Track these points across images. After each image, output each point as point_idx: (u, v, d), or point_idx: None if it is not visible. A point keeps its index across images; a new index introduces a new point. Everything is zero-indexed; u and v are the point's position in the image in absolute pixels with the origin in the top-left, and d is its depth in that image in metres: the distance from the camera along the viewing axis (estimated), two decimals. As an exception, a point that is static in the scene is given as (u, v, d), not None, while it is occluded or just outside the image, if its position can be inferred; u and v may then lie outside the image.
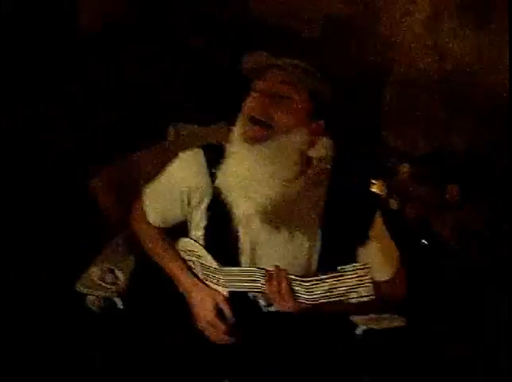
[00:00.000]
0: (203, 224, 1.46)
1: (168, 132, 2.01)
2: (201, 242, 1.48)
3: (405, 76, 2.85)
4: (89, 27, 3.78)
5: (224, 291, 1.47)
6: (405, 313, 1.63)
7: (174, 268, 1.53)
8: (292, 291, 1.33)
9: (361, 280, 1.30)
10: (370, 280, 1.29)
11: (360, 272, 1.30)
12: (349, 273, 1.30)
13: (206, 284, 1.50)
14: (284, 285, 1.32)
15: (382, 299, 1.49)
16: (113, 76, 3.59)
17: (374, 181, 2.73)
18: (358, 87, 3.13)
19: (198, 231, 1.48)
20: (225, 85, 3.42)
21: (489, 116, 2.49)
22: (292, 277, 1.33)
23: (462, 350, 2.16)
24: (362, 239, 1.45)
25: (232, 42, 3.60)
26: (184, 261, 1.54)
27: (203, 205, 1.45)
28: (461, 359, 2.14)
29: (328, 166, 1.43)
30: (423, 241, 2.56)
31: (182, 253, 1.56)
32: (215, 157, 1.41)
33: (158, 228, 1.57)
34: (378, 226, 1.47)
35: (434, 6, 2.65)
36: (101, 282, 1.65)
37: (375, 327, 1.57)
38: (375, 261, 1.46)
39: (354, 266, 1.30)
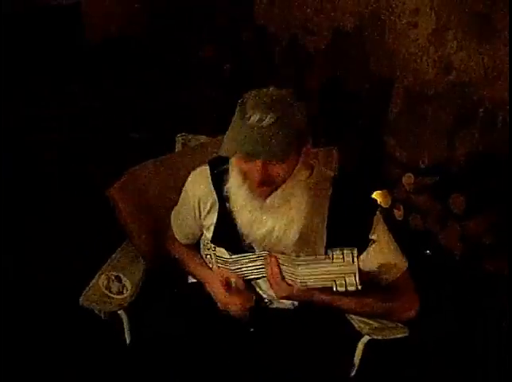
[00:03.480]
0: (212, 222, 1.61)
1: (176, 143, 2.04)
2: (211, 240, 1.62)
3: (411, 87, 2.87)
4: (98, 39, 3.83)
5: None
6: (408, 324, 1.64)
7: (192, 266, 1.71)
8: (284, 275, 1.46)
9: (348, 266, 1.38)
10: (356, 268, 1.37)
11: (347, 257, 1.38)
12: (337, 257, 1.39)
13: None
14: (275, 269, 1.46)
15: (386, 306, 1.56)
16: (123, 86, 3.63)
17: (378, 191, 2.75)
18: (364, 98, 3.15)
19: (209, 229, 1.62)
20: (230, 95, 3.47)
21: (493, 128, 2.50)
22: (288, 259, 1.46)
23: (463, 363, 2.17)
24: (364, 242, 1.53)
25: (239, 53, 3.64)
26: (204, 260, 1.71)
27: (213, 212, 1.60)
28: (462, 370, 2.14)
29: (332, 174, 1.60)
30: (427, 252, 2.57)
31: (203, 248, 1.71)
32: (218, 174, 1.57)
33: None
34: (379, 229, 1.56)
35: (439, 19, 2.67)
36: (105, 291, 1.66)
37: (379, 337, 1.58)
38: (379, 262, 1.54)
39: (341, 249, 1.39)
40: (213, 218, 1.60)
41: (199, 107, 3.44)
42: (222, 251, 1.61)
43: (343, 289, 1.39)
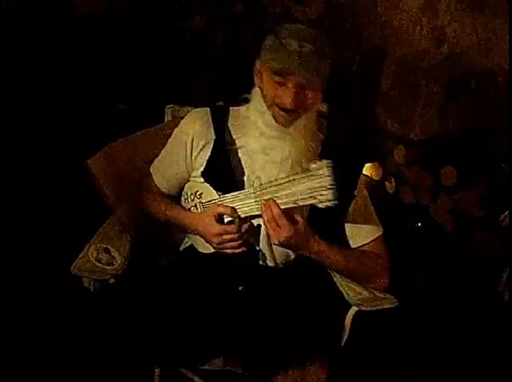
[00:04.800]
0: (204, 160, 1.62)
1: (166, 114, 2.02)
2: (200, 178, 1.63)
3: (403, 59, 2.84)
4: (87, 13, 3.76)
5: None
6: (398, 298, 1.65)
7: (175, 213, 1.69)
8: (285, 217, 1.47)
9: (327, 180, 1.44)
10: (333, 181, 1.44)
11: (326, 171, 1.44)
12: (316, 170, 1.46)
13: None
14: (276, 210, 1.47)
15: (364, 266, 1.63)
16: (111, 58, 3.58)
17: (369, 164, 2.74)
18: (355, 69, 3.12)
19: (198, 169, 1.64)
20: (221, 65, 3.43)
21: (487, 101, 2.49)
22: (272, 180, 1.51)
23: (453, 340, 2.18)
24: (348, 197, 1.63)
25: (230, 23, 3.59)
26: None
27: (207, 151, 1.63)
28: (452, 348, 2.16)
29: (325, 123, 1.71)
30: (418, 224, 2.57)
31: (184, 202, 1.72)
32: (219, 114, 1.66)
33: (163, 195, 1.75)
34: (361, 190, 1.67)
35: (432, -11, 2.64)
36: (96, 263, 1.65)
37: (368, 308, 1.58)
38: (355, 218, 1.64)
39: (319, 163, 1.46)
40: (205, 156, 1.63)
41: (189, 78, 3.41)
42: (210, 193, 1.61)
43: (323, 206, 1.45)
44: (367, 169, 2.72)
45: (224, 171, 1.60)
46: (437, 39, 2.66)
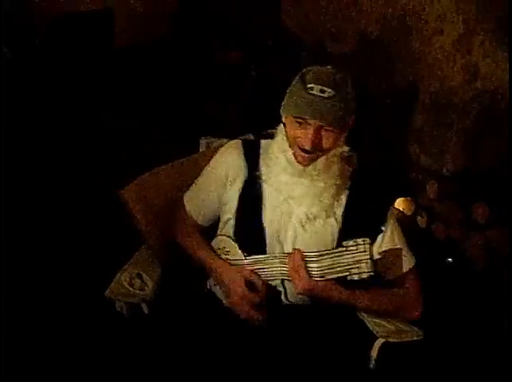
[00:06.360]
0: (234, 205, 1.66)
1: (200, 145, 2.07)
2: (230, 228, 1.66)
3: (436, 94, 2.86)
4: (125, 43, 3.88)
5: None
6: (427, 331, 1.64)
7: (205, 255, 1.70)
8: (307, 270, 1.50)
9: (362, 255, 1.46)
10: (369, 256, 1.46)
11: (361, 247, 1.47)
12: (351, 247, 1.48)
13: None
14: (299, 261, 1.51)
15: (394, 302, 1.63)
16: (148, 88, 3.67)
17: (402, 198, 2.73)
18: (389, 103, 3.14)
19: (229, 214, 1.67)
20: (252, 98, 3.48)
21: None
22: (306, 254, 1.52)
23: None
24: (375, 232, 1.63)
25: (265, 57, 3.66)
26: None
27: (238, 185, 1.68)
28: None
29: (351, 169, 1.69)
30: (449, 260, 2.55)
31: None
32: (252, 148, 1.71)
33: (195, 227, 1.78)
34: (391, 222, 1.67)
35: (465, 25, 2.66)
36: (129, 288, 1.70)
37: (395, 340, 1.58)
38: (386, 249, 1.63)
39: (355, 241, 1.48)
40: (237, 189, 1.67)
41: (224, 110, 3.47)
42: (236, 252, 1.63)
43: (356, 277, 1.47)
44: (399, 204, 2.71)
45: (250, 231, 1.63)
46: (470, 75, 2.67)
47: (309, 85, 1.50)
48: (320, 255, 1.51)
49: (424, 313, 1.67)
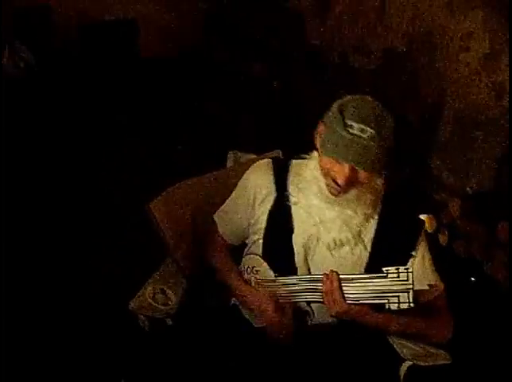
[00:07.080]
0: (263, 226, 1.65)
1: (228, 159, 2.09)
2: (259, 248, 1.65)
3: (461, 111, 2.84)
4: (152, 54, 3.92)
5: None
6: (452, 352, 1.63)
7: (233, 279, 1.72)
8: (342, 292, 1.48)
9: (403, 284, 1.41)
10: (411, 286, 1.40)
11: (403, 276, 1.41)
12: (392, 275, 1.42)
13: None
14: (335, 284, 1.48)
15: (426, 327, 1.61)
16: (175, 102, 3.70)
17: (424, 215, 2.72)
18: (413, 120, 3.13)
19: (258, 234, 1.66)
20: (280, 114, 3.49)
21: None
22: (343, 276, 1.49)
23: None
24: (406, 258, 1.61)
25: (291, 72, 3.67)
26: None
27: (266, 206, 1.66)
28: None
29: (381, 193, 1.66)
30: (472, 279, 2.53)
31: (242, 273, 1.74)
32: (282, 168, 1.69)
33: (225, 246, 1.79)
34: (422, 247, 1.65)
35: (492, 43, 2.65)
36: (152, 302, 1.71)
37: (421, 363, 1.57)
38: (417, 277, 1.55)
39: (397, 268, 1.42)
40: (266, 209, 1.66)
41: (250, 125, 3.48)
42: (266, 272, 1.64)
43: (395, 307, 1.42)
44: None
45: (279, 251, 1.62)
46: (496, 93, 2.66)
47: (349, 122, 1.43)
48: (357, 279, 1.49)
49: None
